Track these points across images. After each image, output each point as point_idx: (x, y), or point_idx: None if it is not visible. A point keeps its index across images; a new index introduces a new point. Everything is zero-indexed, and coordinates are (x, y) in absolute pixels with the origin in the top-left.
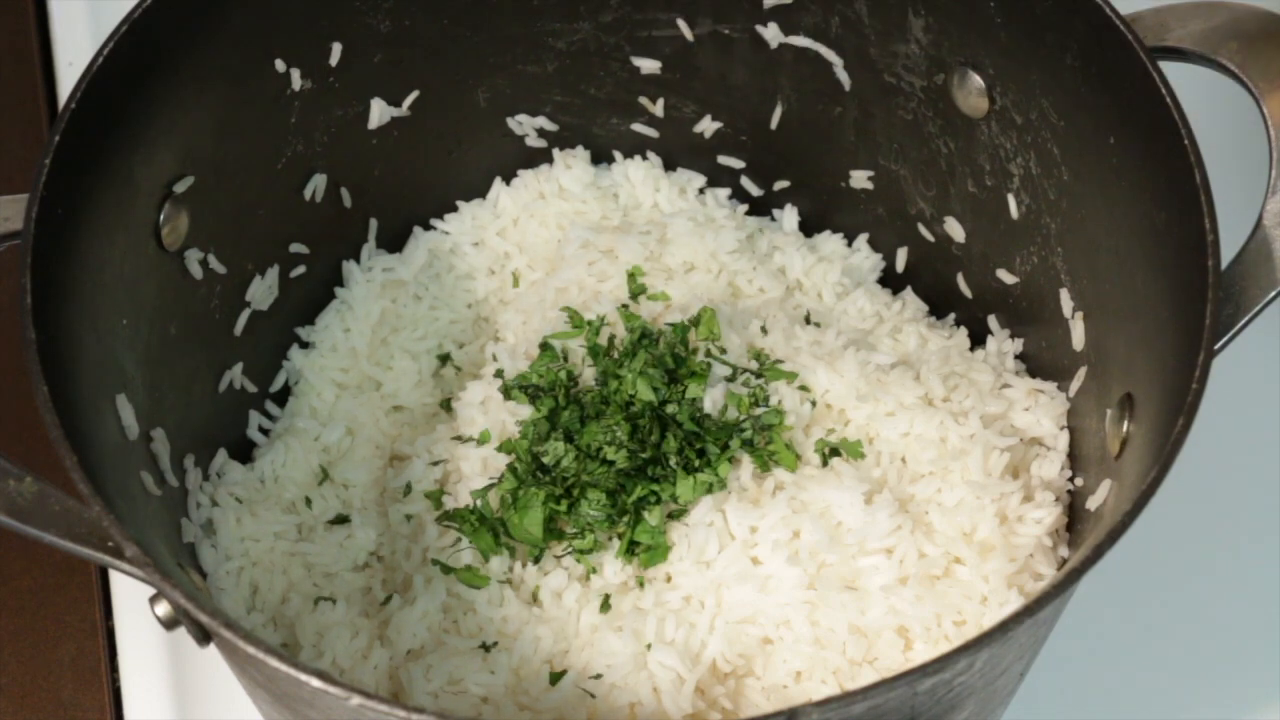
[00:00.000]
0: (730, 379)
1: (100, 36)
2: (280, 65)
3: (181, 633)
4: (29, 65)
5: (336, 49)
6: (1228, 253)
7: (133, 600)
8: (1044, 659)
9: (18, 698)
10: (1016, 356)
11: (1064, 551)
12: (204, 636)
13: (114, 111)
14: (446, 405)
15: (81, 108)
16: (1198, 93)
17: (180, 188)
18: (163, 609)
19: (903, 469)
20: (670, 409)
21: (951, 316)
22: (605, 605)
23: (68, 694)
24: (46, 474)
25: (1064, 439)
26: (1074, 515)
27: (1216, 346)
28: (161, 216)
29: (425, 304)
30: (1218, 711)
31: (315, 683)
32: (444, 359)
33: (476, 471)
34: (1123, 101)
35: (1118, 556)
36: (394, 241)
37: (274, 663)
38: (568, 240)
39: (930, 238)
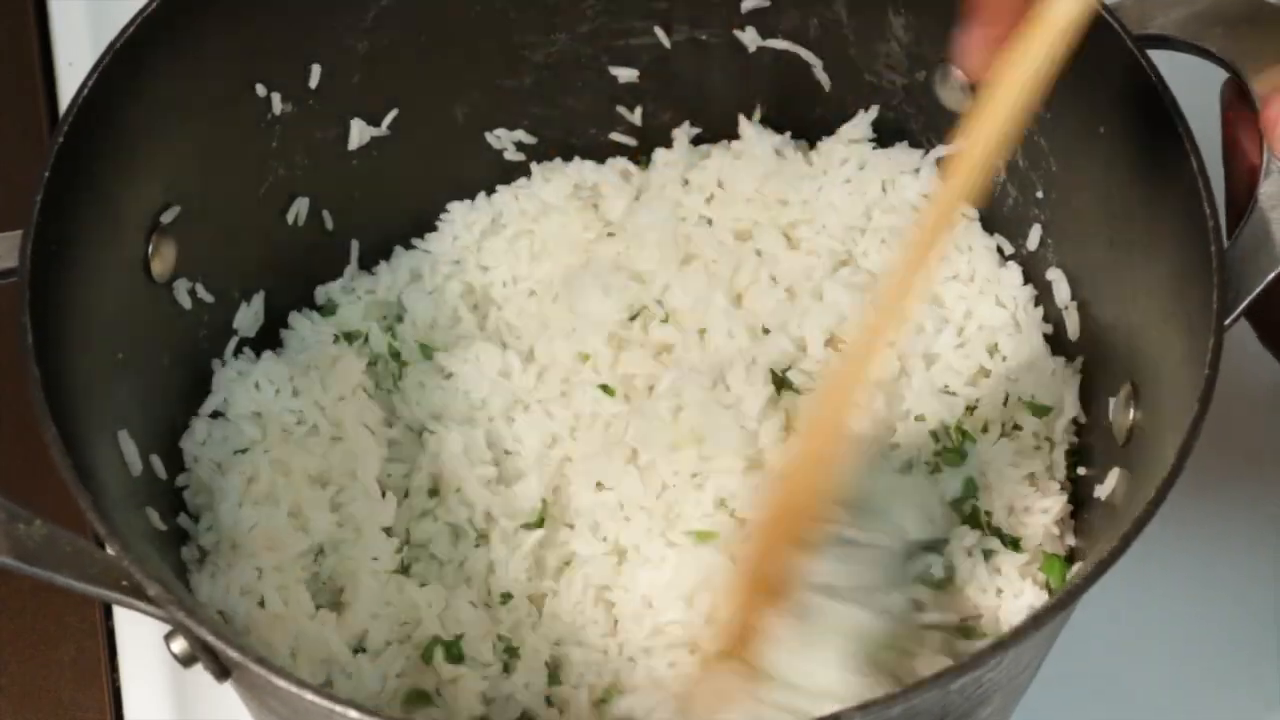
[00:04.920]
0: None
1: (100, 36)
2: (261, 90)
3: None
4: (29, 65)
5: (316, 71)
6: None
7: None
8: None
9: (18, 698)
10: None
11: (1070, 540)
12: (223, 672)
13: (101, 143)
14: None
15: (69, 141)
16: (1181, 79)
17: (167, 218)
18: (179, 646)
19: None
20: None
21: None
22: None
23: (68, 694)
24: (45, 513)
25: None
26: (1077, 503)
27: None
28: (150, 248)
29: None
30: (1222, 709)
31: (353, 714)
32: None
33: None
34: (1111, 91)
35: None
36: (376, 262)
37: (310, 696)
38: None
39: None
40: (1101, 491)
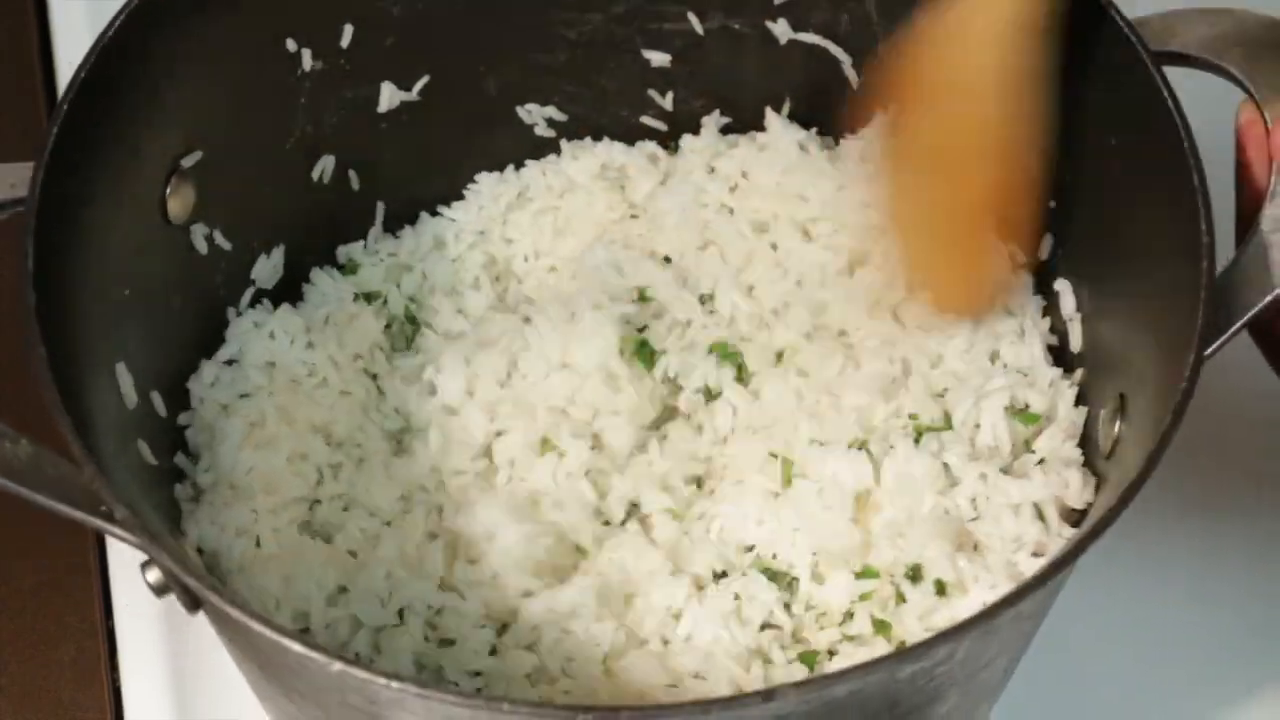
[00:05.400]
0: None
1: None
2: (291, 45)
3: (182, 634)
4: (29, 65)
5: (348, 30)
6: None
7: (133, 601)
8: (1035, 661)
9: (18, 698)
10: None
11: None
12: (193, 603)
13: (124, 83)
14: None
15: (92, 76)
16: (1203, 98)
17: (188, 162)
18: (153, 575)
19: None
20: None
21: None
22: None
23: (68, 694)
24: (47, 444)
25: None
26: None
27: (1210, 350)
28: (168, 189)
29: None
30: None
31: (295, 647)
32: None
33: None
34: (1125, 104)
35: (1113, 562)
36: (401, 226)
37: (256, 626)
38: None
39: None
40: (1079, 501)
